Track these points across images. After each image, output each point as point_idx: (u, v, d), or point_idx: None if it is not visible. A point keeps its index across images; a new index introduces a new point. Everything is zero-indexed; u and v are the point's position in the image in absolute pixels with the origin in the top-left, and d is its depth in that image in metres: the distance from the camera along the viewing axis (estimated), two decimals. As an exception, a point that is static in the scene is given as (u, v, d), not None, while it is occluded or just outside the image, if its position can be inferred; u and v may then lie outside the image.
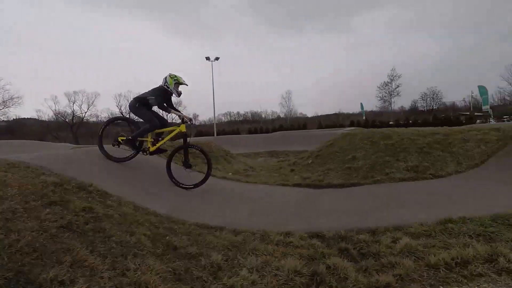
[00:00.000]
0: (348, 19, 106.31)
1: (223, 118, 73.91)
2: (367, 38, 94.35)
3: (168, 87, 5.02)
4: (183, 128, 5.07)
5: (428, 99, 57.52)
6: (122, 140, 5.07)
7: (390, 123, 36.78)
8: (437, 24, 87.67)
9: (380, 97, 54.04)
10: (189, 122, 5.11)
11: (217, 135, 37.10)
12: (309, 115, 69.48)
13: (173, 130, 5.16)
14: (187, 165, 5.16)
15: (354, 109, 69.31)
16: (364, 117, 44.91)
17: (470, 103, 47.75)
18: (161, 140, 5.17)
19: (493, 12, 79.45)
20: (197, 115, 71.96)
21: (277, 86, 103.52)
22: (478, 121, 30.96)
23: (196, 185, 5.02)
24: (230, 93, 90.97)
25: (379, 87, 53.99)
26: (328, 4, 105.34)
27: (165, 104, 5.06)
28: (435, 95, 56.79)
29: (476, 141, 6.92)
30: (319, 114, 67.05)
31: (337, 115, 61.26)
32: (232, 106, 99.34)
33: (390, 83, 52.89)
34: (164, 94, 5.05)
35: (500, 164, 5.87)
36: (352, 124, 38.08)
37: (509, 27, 75.49)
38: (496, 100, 53.20)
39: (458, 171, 5.98)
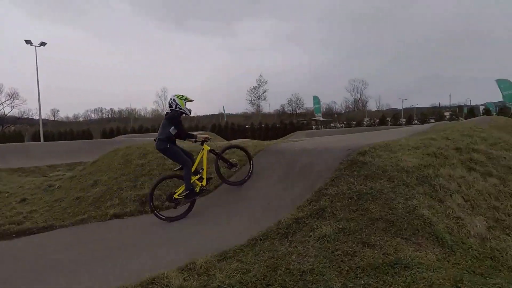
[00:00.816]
0: (232, 23, 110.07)
1: (93, 115, 67.58)
2: (248, 43, 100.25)
3: (181, 109, 4.65)
4: (207, 148, 4.84)
5: (293, 104, 64.27)
6: (179, 196, 4.55)
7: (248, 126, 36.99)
8: (309, 40, 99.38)
9: (249, 100, 58.77)
10: (208, 141, 4.88)
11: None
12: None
13: (202, 156, 4.81)
14: (231, 165, 5.06)
15: (238, 109, 71.74)
16: (225, 120, 44.69)
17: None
18: (202, 171, 4.76)
19: (343, 34, 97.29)
20: (58, 110, 65.24)
21: (156, 81, 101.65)
22: (314, 127, 36.56)
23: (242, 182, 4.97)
24: (101, 87, 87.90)
25: (249, 91, 58.55)
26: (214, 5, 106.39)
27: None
28: (298, 101, 63.82)
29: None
30: (198, 115, 61.35)
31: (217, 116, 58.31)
32: (102, 102, 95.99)
33: (258, 87, 57.56)
34: (181, 120, 4.68)
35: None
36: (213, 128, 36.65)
37: (354, 48, 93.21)
38: (344, 107, 66.84)
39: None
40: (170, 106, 4.67)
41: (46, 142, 22.82)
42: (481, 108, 41.72)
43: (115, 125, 43.37)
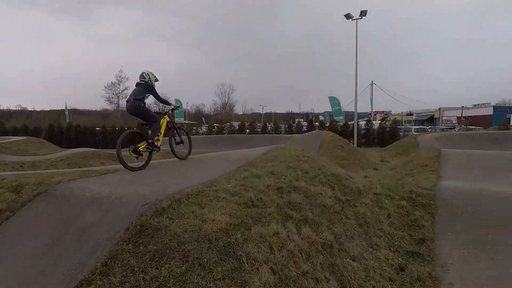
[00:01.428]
0: (91, 7, 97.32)
1: None
2: (109, 32, 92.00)
3: (152, 84, 5.29)
4: (167, 119, 5.74)
5: (160, 104, 63.68)
6: (144, 147, 5.00)
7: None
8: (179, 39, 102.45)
9: (106, 97, 52.01)
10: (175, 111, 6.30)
11: None
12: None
13: (162, 123, 5.49)
14: (180, 142, 5.94)
15: (90, 106, 64.62)
16: (67, 120, 37.08)
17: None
18: (160, 134, 5.34)
19: (212, 39, 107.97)
20: None
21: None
22: None
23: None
24: None
25: (106, 87, 52.01)
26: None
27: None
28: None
29: None
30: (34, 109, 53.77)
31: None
32: None
33: (118, 84, 51.70)
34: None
35: None
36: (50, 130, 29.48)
37: (224, 54, 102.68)
38: (213, 110, 69.78)
39: None
40: (143, 77, 5.25)
41: None
42: (320, 117, 50.65)
43: None
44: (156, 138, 5.16)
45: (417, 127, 37.11)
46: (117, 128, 29.63)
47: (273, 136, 24.79)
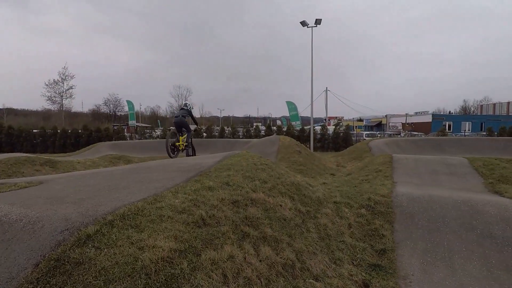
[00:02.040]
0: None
1: None
2: (54, 25, 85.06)
3: (191, 110, 8.56)
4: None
5: (111, 105, 58.92)
6: (182, 145, 7.97)
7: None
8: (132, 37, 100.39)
9: (48, 97, 46.47)
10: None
11: None
12: None
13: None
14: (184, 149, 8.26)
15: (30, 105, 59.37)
16: None
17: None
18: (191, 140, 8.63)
19: (168, 38, 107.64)
20: None
21: None
22: (127, 135, 30.63)
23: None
24: None
25: (47, 85, 46.06)
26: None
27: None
28: (118, 102, 59.21)
29: None
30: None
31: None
32: None
33: (61, 82, 46.27)
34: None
35: None
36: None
37: (179, 55, 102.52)
38: (169, 112, 66.69)
39: None
40: (186, 106, 8.53)
41: None
42: (278, 121, 51.33)
43: None
44: (189, 141, 8.12)
45: (368, 132, 39.32)
46: (59, 131, 26.71)
47: (230, 140, 24.26)
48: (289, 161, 12.12)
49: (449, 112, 68.81)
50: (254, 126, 34.77)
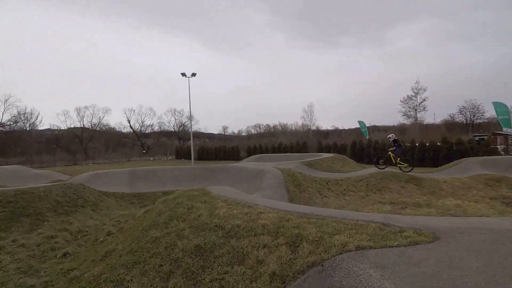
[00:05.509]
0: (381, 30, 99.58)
1: (253, 130, 77.12)
2: (399, 51, 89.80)
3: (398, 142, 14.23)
4: (391, 154, 14.34)
5: (468, 113, 50.53)
6: (399, 163, 14.00)
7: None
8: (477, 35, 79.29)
9: (403, 112, 49.95)
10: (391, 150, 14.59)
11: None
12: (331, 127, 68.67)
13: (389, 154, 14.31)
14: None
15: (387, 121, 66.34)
16: (367, 137, 36.92)
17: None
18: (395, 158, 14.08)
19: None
20: (227, 127, 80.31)
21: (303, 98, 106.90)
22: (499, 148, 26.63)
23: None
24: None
25: (402, 101, 49.80)
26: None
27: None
28: (476, 108, 49.32)
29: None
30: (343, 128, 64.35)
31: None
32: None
33: (414, 96, 48.38)
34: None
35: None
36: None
37: None
38: None
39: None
40: (395, 139, 14.18)
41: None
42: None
43: (263, 141, 45.82)
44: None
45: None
46: (416, 144, 26.72)
47: None
48: None
49: None
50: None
